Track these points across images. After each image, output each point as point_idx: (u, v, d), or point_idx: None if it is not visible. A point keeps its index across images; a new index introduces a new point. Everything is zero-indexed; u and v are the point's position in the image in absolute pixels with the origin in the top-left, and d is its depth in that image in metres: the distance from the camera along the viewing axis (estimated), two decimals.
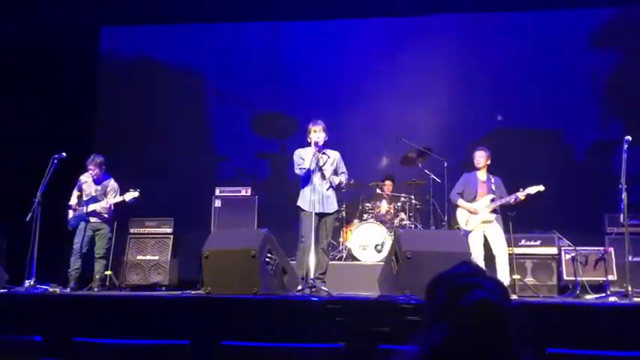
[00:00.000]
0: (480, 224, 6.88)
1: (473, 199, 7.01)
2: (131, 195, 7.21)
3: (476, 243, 6.77)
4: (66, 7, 8.91)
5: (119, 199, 7.25)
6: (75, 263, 7.10)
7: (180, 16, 9.52)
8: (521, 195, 6.81)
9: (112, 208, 7.30)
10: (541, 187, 6.81)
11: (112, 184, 7.44)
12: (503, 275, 6.66)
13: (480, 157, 7.07)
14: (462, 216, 7.03)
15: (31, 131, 8.56)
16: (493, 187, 7.02)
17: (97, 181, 7.40)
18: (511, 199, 6.86)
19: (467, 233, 6.82)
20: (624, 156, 6.02)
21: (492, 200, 6.92)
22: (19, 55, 8.71)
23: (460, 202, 7.06)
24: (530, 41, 9.12)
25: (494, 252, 6.80)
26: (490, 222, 6.88)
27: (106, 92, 9.96)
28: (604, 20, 9.02)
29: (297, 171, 6.45)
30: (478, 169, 7.09)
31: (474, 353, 1.39)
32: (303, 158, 6.37)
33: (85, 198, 7.34)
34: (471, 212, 6.92)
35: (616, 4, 8.92)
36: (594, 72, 8.91)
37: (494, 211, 6.93)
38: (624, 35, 8.84)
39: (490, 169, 7.13)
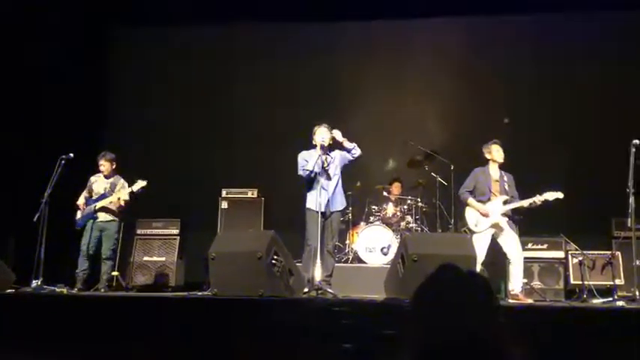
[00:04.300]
0: (489, 227, 6.53)
1: (487, 200, 6.59)
2: (139, 185, 7.21)
3: (480, 245, 6.37)
4: (74, 4, 8.98)
5: (128, 190, 7.27)
6: (82, 264, 7.11)
7: (188, 15, 9.52)
8: (537, 200, 6.42)
9: (122, 203, 7.32)
10: (560, 195, 6.38)
11: (121, 181, 7.46)
12: (517, 282, 6.39)
13: (498, 151, 6.65)
14: (471, 216, 6.63)
15: (39, 131, 8.59)
16: (506, 186, 6.61)
17: (107, 177, 7.43)
18: (526, 203, 6.48)
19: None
20: (632, 160, 6.00)
21: (505, 202, 6.53)
22: (28, 55, 8.75)
23: (471, 201, 6.62)
24: (538, 43, 9.08)
25: (509, 257, 6.47)
26: (501, 227, 6.49)
27: (113, 94, 9.99)
28: (612, 22, 8.97)
29: (300, 172, 6.45)
30: (495, 162, 6.66)
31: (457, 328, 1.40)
32: (307, 160, 6.39)
33: (94, 197, 7.36)
34: (482, 214, 6.57)
35: (623, 8, 8.88)
36: (602, 74, 8.86)
37: (504, 213, 6.54)
38: (632, 38, 8.79)
39: (500, 166, 6.74)
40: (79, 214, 7.35)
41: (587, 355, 3.84)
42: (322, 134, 6.39)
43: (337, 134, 6.37)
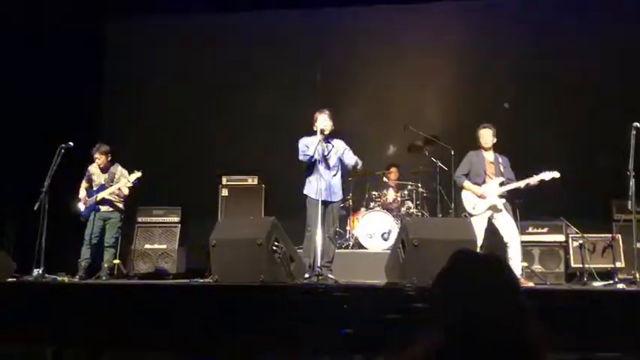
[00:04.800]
0: (487, 210, 6.50)
1: (482, 182, 6.56)
2: (134, 176, 7.21)
3: (478, 229, 6.27)
4: None
5: (126, 179, 7.25)
6: (85, 253, 7.13)
7: (184, 6, 9.47)
8: (533, 181, 6.38)
9: (126, 192, 7.31)
10: (556, 174, 6.35)
11: (119, 170, 7.42)
12: (516, 265, 6.30)
13: (488, 136, 6.65)
14: (468, 199, 6.59)
15: (38, 121, 8.56)
16: (501, 167, 6.59)
17: (104, 170, 7.40)
18: (522, 184, 6.44)
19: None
20: (632, 142, 5.98)
21: (501, 184, 6.50)
22: (26, 44, 8.71)
23: (467, 184, 6.59)
24: (538, 27, 9.03)
25: (506, 240, 6.40)
26: (499, 209, 6.47)
27: (111, 82, 9.95)
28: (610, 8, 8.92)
29: (300, 157, 6.42)
30: (485, 149, 6.67)
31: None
32: (308, 146, 6.36)
33: (94, 187, 7.35)
34: (478, 196, 6.51)
35: None
36: (603, 56, 8.81)
37: (501, 195, 6.53)
38: (630, 18, 8.73)
39: (496, 148, 6.73)
40: (82, 206, 7.34)
41: (588, 338, 3.85)
42: (323, 121, 6.36)
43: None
